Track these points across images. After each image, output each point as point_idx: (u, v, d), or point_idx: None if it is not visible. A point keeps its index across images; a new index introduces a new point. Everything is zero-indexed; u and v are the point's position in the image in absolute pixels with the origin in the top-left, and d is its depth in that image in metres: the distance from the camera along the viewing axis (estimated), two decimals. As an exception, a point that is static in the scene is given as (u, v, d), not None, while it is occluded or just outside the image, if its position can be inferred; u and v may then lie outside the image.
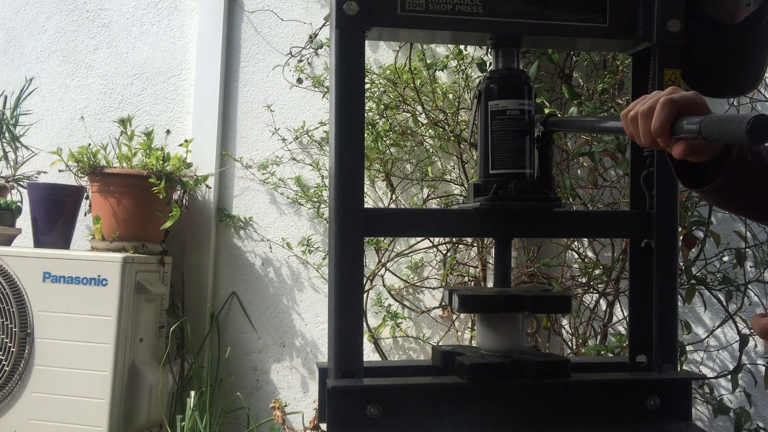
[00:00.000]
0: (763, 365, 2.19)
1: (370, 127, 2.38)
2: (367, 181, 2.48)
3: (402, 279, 2.47)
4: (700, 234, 1.99)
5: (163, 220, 2.38)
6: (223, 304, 2.59)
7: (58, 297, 2.18)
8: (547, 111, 1.96)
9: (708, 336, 2.21)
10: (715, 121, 0.80)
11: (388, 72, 2.43)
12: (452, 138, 2.35)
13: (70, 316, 2.18)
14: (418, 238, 2.39)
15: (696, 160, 0.93)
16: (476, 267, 2.39)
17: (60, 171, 2.50)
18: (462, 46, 2.34)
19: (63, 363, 2.17)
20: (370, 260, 2.46)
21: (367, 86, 2.39)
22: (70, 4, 2.85)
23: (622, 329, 2.15)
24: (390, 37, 1.42)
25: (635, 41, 1.27)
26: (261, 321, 2.59)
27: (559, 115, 1.92)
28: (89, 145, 2.47)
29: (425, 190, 2.48)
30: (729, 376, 2.04)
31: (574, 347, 2.22)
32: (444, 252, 2.43)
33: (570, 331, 2.27)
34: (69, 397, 2.16)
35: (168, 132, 2.72)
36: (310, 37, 2.55)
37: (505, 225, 1.25)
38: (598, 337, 2.16)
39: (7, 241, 2.44)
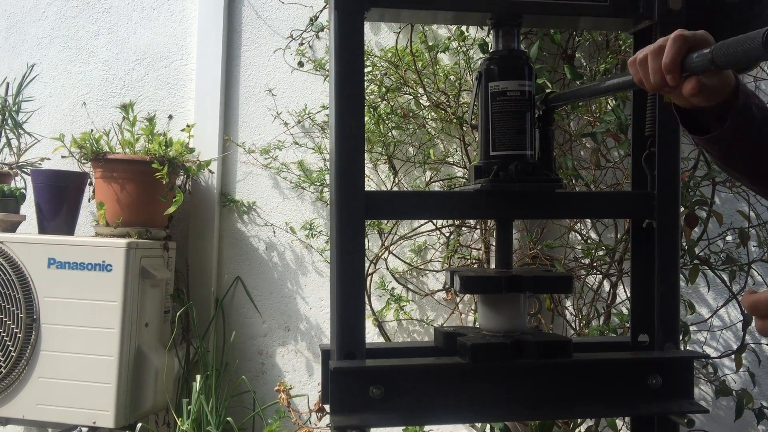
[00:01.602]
0: (767, 345, 2.20)
1: (371, 109, 2.37)
2: (369, 165, 2.47)
3: (405, 262, 2.48)
4: (703, 214, 1.99)
5: (167, 206, 2.38)
6: (228, 289, 2.60)
7: (64, 283, 2.20)
8: (548, 92, 1.95)
9: (711, 316, 2.21)
10: (728, 45, 0.79)
11: (389, 54, 2.42)
12: (454, 120, 2.34)
13: (75, 302, 2.19)
14: (421, 221, 2.39)
15: (704, 103, 0.93)
16: (479, 249, 2.39)
17: (63, 157, 2.51)
18: (464, 28, 2.33)
19: (69, 348, 2.19)
20: (374, 243, 2.46)
21: (368, 69, 2.39)
22: (71, -11, 2.84)
23: (625, 310, 2.15)
24: (390, 17, 1.42)
25: (636, 19, 1.27)
26: (265, 305, 2.60)
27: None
28: (92, 131, 2.47)
29: (428, 173, 2.47)
30: (733, 356, 2.05)
31: (578, 328, 2.23)
32: (447, 234, 2.43)
33: (573, 312, 2.28)
34: (76, 382, 2.18)
35: (170, 117, 2.72)
36: (311, 19, 2.54)
37: (505, 207, 1.25)
38: (602, 318, 2.16)
39: (12, 227, 2.45)
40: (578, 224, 2.32)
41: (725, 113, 0.95)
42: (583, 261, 2.27)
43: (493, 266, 2.34)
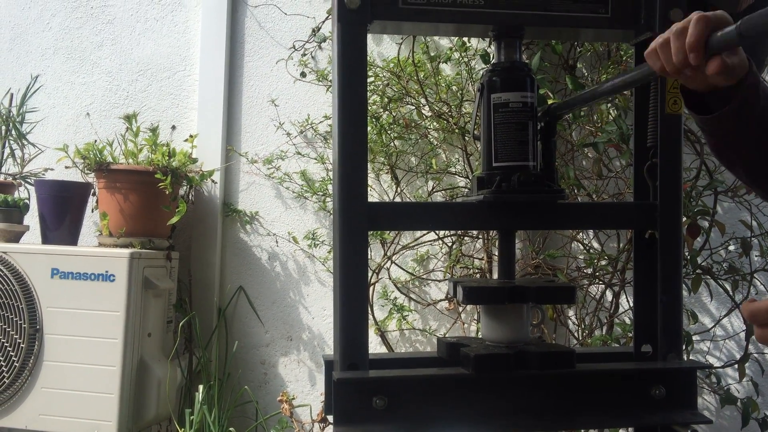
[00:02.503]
0: (770, 354, 2.19)
1: (374, 120, 2.38)
2: (372, 174, 2.48)
3: (408, 272, 2.48)
4: (705, 224, 1.99)
5: (170, 216, 2.39)
6: (231, 299, 2.61)
7: (67, 293, 2.20)
8: (550, 102, 1.96)
9: (714, 326, 2.21)
10: (756, 17, 0.80)
11: (391, 65, 2.43)
12: (456, 130, 2.35)
13: (78, 312, 2.20)
14: (424, 231, 2.40)
15: (722, 83, 0.93)
16: (482, 259, 2.40)
17: (66, 168, 2.52)
18: (465, 39, 2.34)
19: (72, 358, 2.19)
20: (376, 253, 2.47)
21: (370, 79, 2.40)
22: (75, 1, 2.86)
23: (627, 320, 2.15)
24: (392, 30, 1.42)
25: (638, 31, 1.27)
26: (268, 315, 2.60)
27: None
28: (95, 141, 2.48)
29: (430, 183, 2.48)
30: (736, 366, 2.04)
31: (581, 338, 2.22)
32: (449, 244, 2.43)
33: (576, 322, 2.28)
34: (78, 392, 2.18)
35: (173, 128, 2.73)
36: (313, 30, 2.56)
37: (508, 218, 1.25)
38: (604, 327, 2.16)
39: (15, 238, 2.46)
40: (580, 234, 2.32)
41: (732, 97, 0.96)
42: (585, 271, 2.27)
43: (495, 276, 2.34)
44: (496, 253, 2.34)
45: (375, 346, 2.42)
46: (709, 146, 1.09)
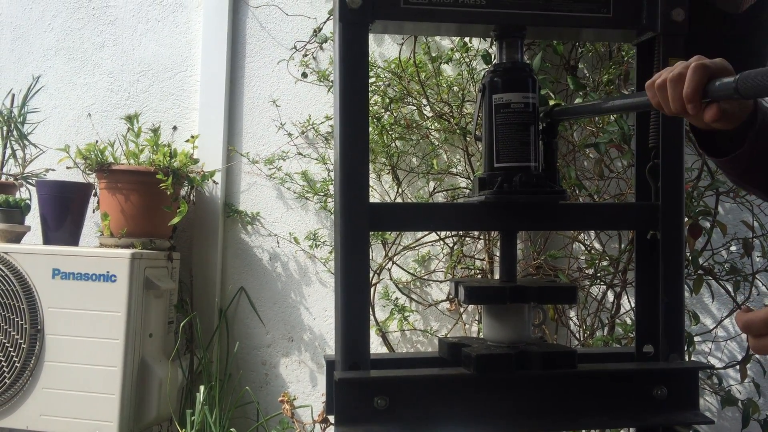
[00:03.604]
0: (772, 355, 2.19)
1: (375, 120, 2.38)
2: (373, 175, 2.48)
3: (409, 272, 2.48)
4: (707, 224, 1.99)
5: (171, 216, 2.39)
6: (232, 299, 2.61)
7: (68, 293, 2.20)
8: (552, 102, 1.96)
9: (716, 326, 2.21)
10: (754, 76, 0.78)
11: (392, 65, 2.43)
12: (457, 131, 2.35)
13: (79, 313, 2.20)
14: (425, 232, 2.40)
15: (724, 127, 0.93)
16: (483, 260, 2.39)
17: (68, 168, 2.52)
18: (467, 39, 2.34)
19: (73, 359, 2.19)
20: (377, 254, 2.46)
21: (372, 80, 2.40)
22: (76, 2, 2.86)
23: (629, 320, 2.15)
24: (394, 30, 1.42)
25: (639, 31, 1.27)
26: (269, 316, 2.60)
27: (564, 105, 1.91)
28: (96, 142, 2.49)
29: (431, 183, 2.48)
30: (737, 367, 2.04)
31: (582, 339, 2.22)
32: (451, 245, 2.43)
33: (577, 323, 2.27)
34: (79, 393, 2.18)
35: (174, 128, 2.73)
36: (315, 31, 2.56)
37: (510, 218, 1.25)
38: (606, 328, 2.16)
39: (17, 238, 2.46)
40: (582, 234, 2.32)
41: (743, 133, 0.95)
42: (587, 271, 2.27)
43: (496, 276, 2.34)
44: (498, 254, 2.34)
45: (376, 347, 2.42)
46: (726, 177, 1.09)
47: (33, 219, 2.55)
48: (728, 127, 0.93)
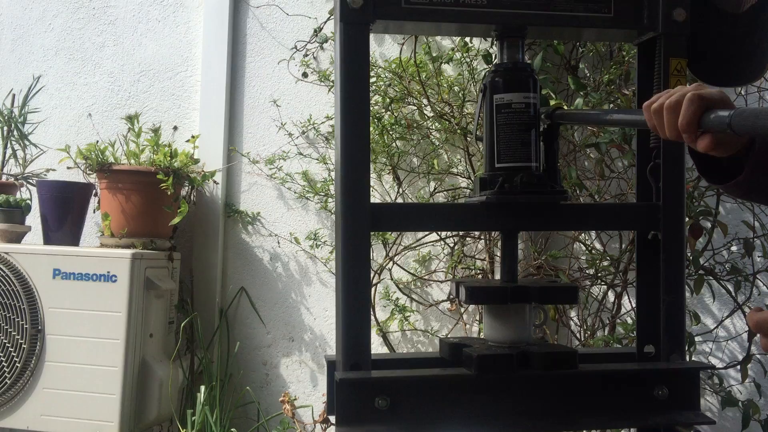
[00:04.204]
0: (773, 355, 2.19)
1: (376, 120, 2.38)
2: (373, 175, 2.48)
3: (410, 272, 2.48)
4: (708, 224, 1.98)
5: (172, 216, 2.39)
6: (232, 300, 2.61)
7: (68, 294, 2.20)
8: (552, 103, 1.96)
9: (717, 326, 2.21)
10: (747, 115, 0.79)
11: (393, 65, 2.43)
12: (458, 131, 2.35)
13: (80, 313, 2.20)
14: (426, 232, 2.39)
15: (720, 155, 0.93)
16: (483, 260, 2.39)
17: (68, 168, 2.52)
18: (467, 39, 2.34)
19: (74, 359, 2.19)
20: (378, 254, 2.46)
21: (372, 80, 2.39)
22: (77, 2, 2.86)
23: (630, 320, 2.15)
24: (395, 29, 1.42)
25: (641, 31, 1.27)
26: (270, 316, 2.60)
27: (565, 107, 1.92)
28: (97, 142, 2.48)
29: (432, 183, 2.48)
30: (738, 367, 2.04)
31: (583, 339, 2.22)
32: (451, 245, 2.43)
33: (578, 323, 2.27)
34: (80, 393, 2.18)
35: (175, 128, 2.73)
36: (315, 31, 2.56)
37: (511, 219, 1.25)
38: (607, 328, 2.15)
39: (17, 238, 2.46)
40: (583, 235, 2.32)
41: (743, 157, 0.95)
42: (587, 271, 2.26)
43: (497, 277, 2.34)
44: (498, 254, 2.34)
45: (377, 347, 2.42)
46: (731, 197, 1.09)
47: (33, 219, 2.55)
48: (725, 154, 0.93)
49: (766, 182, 0.97)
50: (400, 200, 2.47)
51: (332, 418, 1.15)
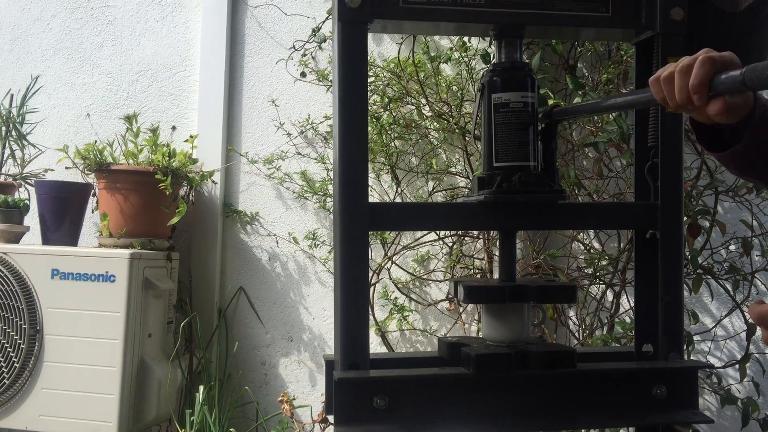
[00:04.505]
0: (771, 354, 2.19)
1: (374, 120, 2.38)
2: (372, 175, 2.48)
3: (408, 272, 2.48)
4: (706, 223, 1.99)
5: (170, 216, 2.39)
6: (231, 299, 2.60)
7: (67, 294, 2.20)
8: (551, 102, 1.96)
9: (715, 326, 2.21)
10: (761, 68, 0.79)
11: (391, 65, 2.43)
12: (457, 130, 2.35)
13: (78, 313, 2.19)
14: (424, 231, 2.39)
15: (727, 121, 0.93)
16: (482, 259, 2.39)
17: (67, 168, 2.52)
18: (466, 39, 2.34)
19: (72, 359, 2.19)
20: (377, 253, 2.46)
21: (371, 79, 2.39)
22: (75, 1, 2.86)
23: (628, 319, 2.15)
24: (393, 29, 1.42)
25: (638, 30, 1.27)
26: (268, 315, 2.60)
27: (563, 105, 1.92)
28: (95, 142, 2.48)
29: (430, 183, 2.48)
30: (737, 366, 2.04)
31: (581, 338, 2.22)
32: (450, 244, 2.43)
33: (577, 323, 2.28)
34: (79, 393, 2.18)
35: (173, 128, 2.73)
36: (314, 30, 2.55)
37: (509, 218, 1.25)
38: (605, 327, 2.16)
39: (16, 238, 2.46)
40: (581, 234, 2.32)
41: (743, 127, 0.95)
42: (586, 271, 2.27)
43: (496, 276, 2.34)
44: (497, 254, 2.34)
45: (375, 347, 2.42)
46: (729, 171, 1.09)
47: (32, 219, 2.54)
48: (731, 121, 0.93)
49: (764, 153, 0.97)
50: (398, 200, 2.47)
51: (331, 418, 1.14)
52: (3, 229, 2.41)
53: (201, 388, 2.32)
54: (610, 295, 2.20)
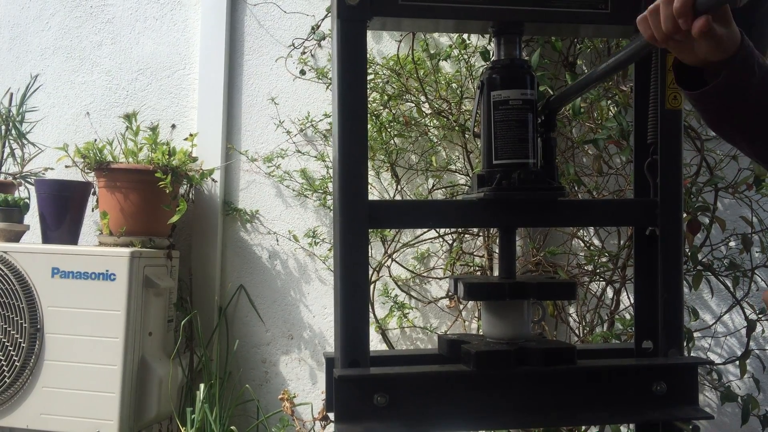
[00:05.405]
0: (771, 350, 2.19)
1: (374, 117, 2.38)
2: (372, 172, 2.48)
3: (408, 269, 2.48)
4: (706, 220, 1.99)
5: (170, 215, 2.39)
6: (231, 298, 2.61)
7: (67, 292, 2.20)
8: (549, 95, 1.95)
9: (715, 322, 2.21)
10: None
11: (391, 62, 2.42)
12: (456, 128, 2.35)
13: (79, 311, 2.20)
14: (424, 229, 2.40)
15: (712, 56, 0.94)
16: (482, 257, 2.40)
17: (67, 167, 2.52)
18: (465, 36, 2.33)
19: (73, 358, 2.19)
20: (377, 251, 2.46)
21: (370, 77, 2.39)
22: (74, 0, 2.85)
23: (628, 316, 2.15)
24: (392, 26, 1.42)
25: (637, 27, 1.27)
26: (269, 313, 2.60)
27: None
28: (95, 140, 2.48)
29: (430, 181, 2.48)
30: (737, 362, 2.04)
31: (581, 335, 2.22)
32: (450, 242, 2.43)
33: (577, 319, 2.28)
34: (79, 392, 2.18)
35: (173, 126, 2.73)
36: (313, 28, 2.55)
37: (509, 215, 1.25)
38: (605, 324, 2.16)
39: (16, 237, 2.46)
40: (581, 231, 2.32)
41: (722, 71, 0.96)
42: (586, 268, 2.27)
43: (496, 273, 2.34)
44: (497, 251, 2.34)
45: (376, 344, 2.42)
46: (704, 121, 1.08)
47: (32, 218, 2.55)
48: (716, 57, 0.94)
49: (746, 94, 0.97)
50: (398, 197, 2.48)
51: (331, 416, 1.15)
52: (3, 228, 2.41)
53: (202, 386, 2.33)
54: (610, 292, 2.20)
